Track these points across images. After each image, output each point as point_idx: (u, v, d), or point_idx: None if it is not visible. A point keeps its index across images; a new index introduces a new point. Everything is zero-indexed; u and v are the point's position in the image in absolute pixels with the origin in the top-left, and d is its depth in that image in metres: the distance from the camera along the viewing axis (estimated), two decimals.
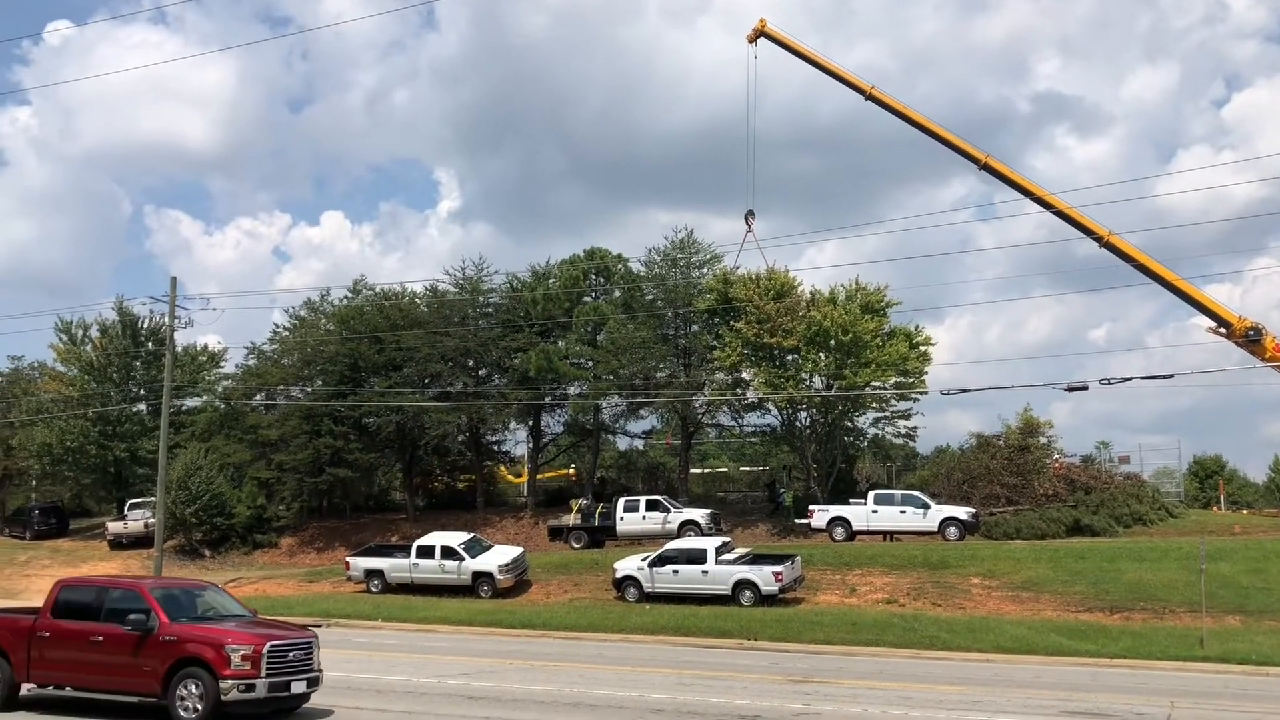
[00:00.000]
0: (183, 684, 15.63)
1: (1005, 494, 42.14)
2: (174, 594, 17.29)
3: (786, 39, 46.66)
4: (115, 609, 16.53)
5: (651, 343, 46.99)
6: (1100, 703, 19.12)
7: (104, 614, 16.60)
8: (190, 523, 48.02)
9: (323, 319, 53.99)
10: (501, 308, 51.67)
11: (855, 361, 42.19)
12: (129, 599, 16.64)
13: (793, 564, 33.77)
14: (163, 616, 16.17)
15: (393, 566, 38.25)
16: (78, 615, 16.85)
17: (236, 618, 17.38)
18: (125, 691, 16.36)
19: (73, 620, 16.82)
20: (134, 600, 16.55)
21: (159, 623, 16.08)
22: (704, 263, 49.47)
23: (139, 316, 56.50)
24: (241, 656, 15.56)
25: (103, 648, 16.30)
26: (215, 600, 17.92)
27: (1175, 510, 43.18)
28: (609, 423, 52.07)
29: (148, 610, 16.20)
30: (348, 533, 50.79)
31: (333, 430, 48.47)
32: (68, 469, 54.80)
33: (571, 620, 32.39)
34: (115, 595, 16.90)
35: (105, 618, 16.53)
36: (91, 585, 18.22)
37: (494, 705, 18.10)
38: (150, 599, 16.46)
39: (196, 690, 15.54)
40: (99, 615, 16.63)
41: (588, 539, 43.08)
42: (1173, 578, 31.82)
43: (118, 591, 17.07)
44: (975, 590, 33.03)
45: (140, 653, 15.99)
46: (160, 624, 16.07)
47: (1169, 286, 41.71)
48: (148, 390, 55.64)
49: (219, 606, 17.67)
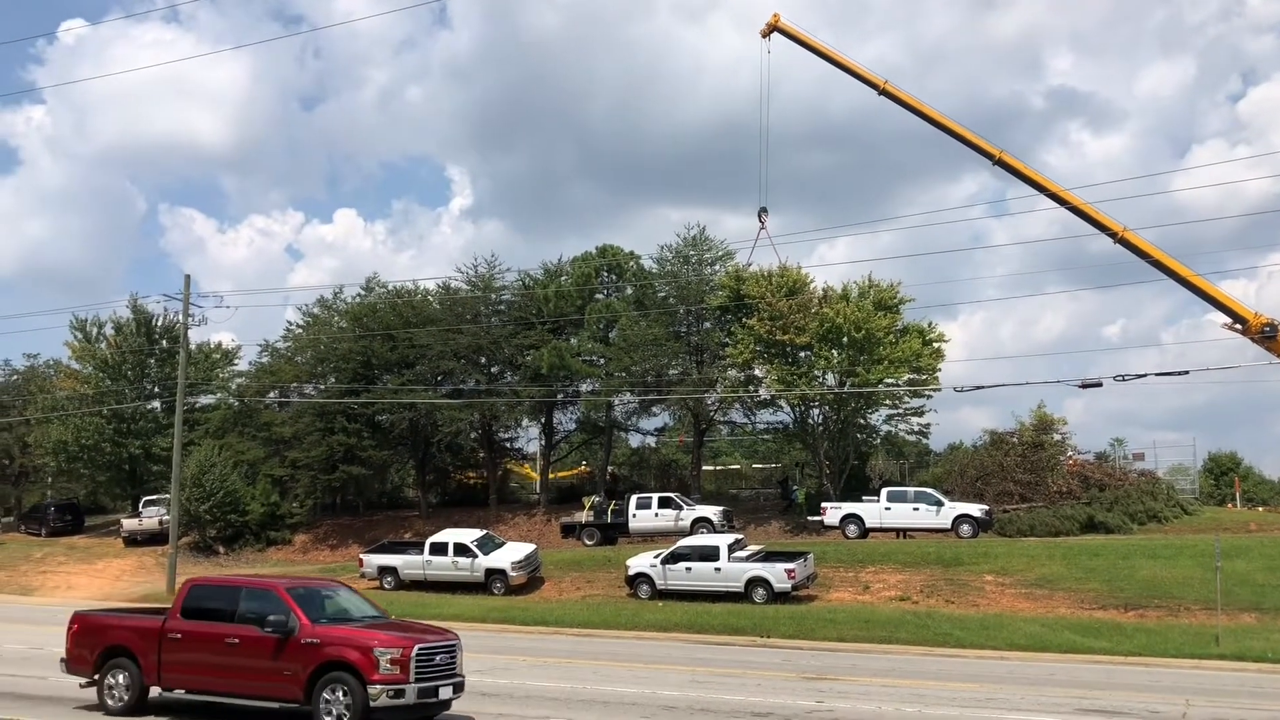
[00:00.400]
0: (327, 689, 14.86)
1: (1019, 491, 42.01)
2: (309, 594, 16.49)
3: (800, 34, 46.52)
4: (251, 610, 15.81)
5: (664, 340, 46.96)
6: (1115, 700, 19.05)
7: (238, 615, 15.89)
8: (204, 520, 48.22)
9: (336, 317, 54.12)
10: (514, 305, 51.69)
11: (868, 358, 42.09)
12: (265, 600, 15.90)
13: (805, 561, 33.76)
14: (303, 618, 15.44)
15: (406, 563, 38.37)
16: (208, 616, 16.19)
17: (372, 618, 16.69)
18: (263, 697, 15.61)
19: (204, 622, 16.15)
20: (271, 601, 15.81)
21: (299, 624, 15.34)
22: (716, 260, 49.44)
23: (153, 314, 56.86)
24: (390, 660, 14.77)
25: (239, 651, 15.58)
26: (347, 600, 17.16)
27: (1190, 507, 42.96)
28: (621, 420, 52.08)
29: (287, 611, 15.45)
30: (361, 530, 50.93)
31: (346, 427, 48.61)
32: (83, 466, 55.06)
33: (584, 617, 32.43)
34: (250, 595, 16.19)
35: (240, 619, 15.82)
36: (223, 585, 17.64)
37: (507, 702, 18.13)
38: (289, 599, 15.73)
39: (343, 696, 14.75)
40: (233, 616, 15.93)
41: (600, 536, 43.13)
42: (1188, 575, 31.69)
43: (252, 591, 16.35)
44: (989, 587, 32.96)
45: (280, 656, 15.25)
46: (301, 626, 15.32)
47: (1184, 283, 41.45)
48: (162, 388, 55.91)
49: (351, 607, 16.93)
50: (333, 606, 16.53)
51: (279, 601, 15.70)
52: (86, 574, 46.04)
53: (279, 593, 15.97)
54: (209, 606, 16.36)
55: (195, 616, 16.28)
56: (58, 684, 19.41)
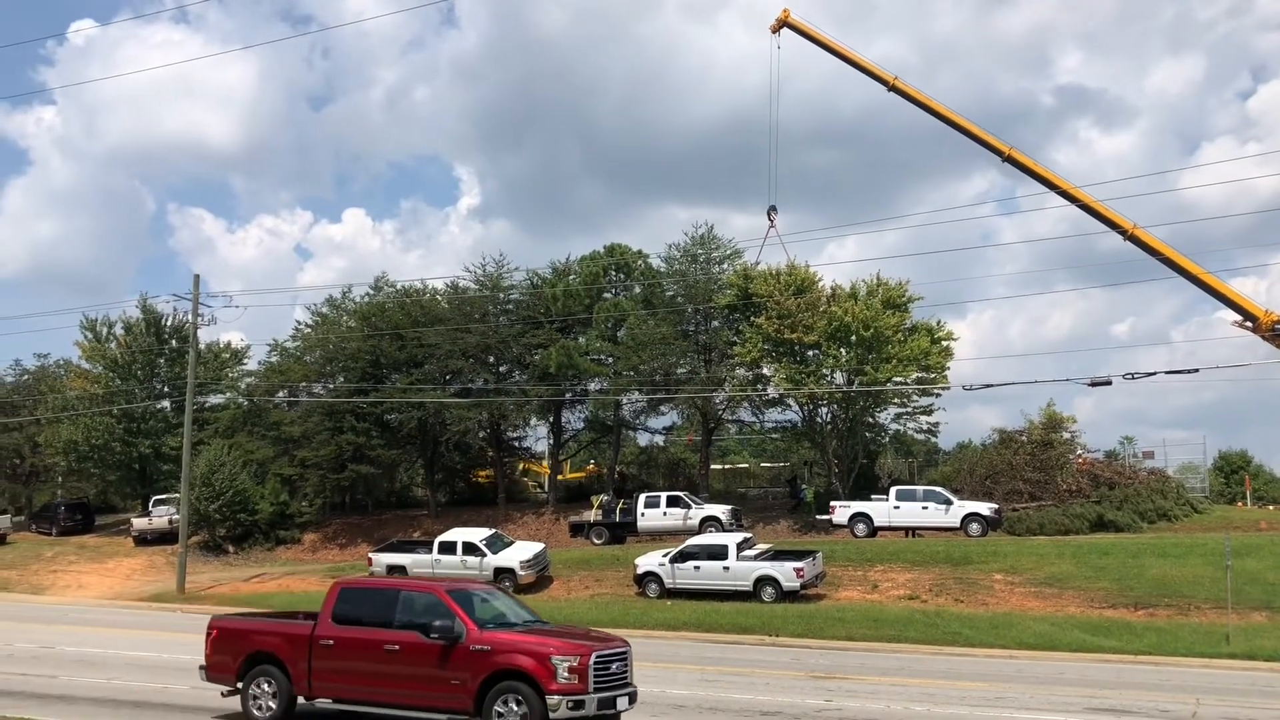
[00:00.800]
0: (501, 700, 13.87)
1: (1028, 490, 41.94)
2: (467, 596, 15.55)
3: (809, 29, 46.45)
4: (411, 615, 14.92)
5: (672, 339, 46.94)
6: (1125, 700, 18.99)
7: (397, 620, 14.97)
8: (214, 519, 48.34)
9: (344, 316, 54.24)
10: (522, 304, 51.73)
11: (876, 357, 42.03)
12: (427, 604, 14.96)
13: (814, 560, 33.71)
14: (469, 623, 14.52)
15: (415, 562, 38.40)
16: (362, 621, 15.24)
17: (531, 622, 15.86)
18: (428, 708, 14.49)
19: (358, 627, 15.18)
20: (433, 605, 14.87)
21: (466, 630, 14.41)
22: (724, 258, 49.41)
23: (163, 314, 57.00)
24: (568, 669, 13.79)
25: (399, 658, 14.61)
26: (504, 603, 16.30)
27: (1200, 506, 42.84)
28: (629, 419, 52.12)
29: (452, 616, 14.55)
30: (370, 529, 51.02)
31: (355, 427, 48.67)
32: (93, 466, 55.21)
33: (593, 616, 32.37)
34: (409, 599, 15.24)
35: (399, 625, 14.89)
36: (376, 588, 16.83)
37: None
38: (452, 603, 14.82)
39: (518, 708, 13.78)
40: (390, 621, 14.99)
41: (609, 535, 43.14)
42: (1198, 574, 31.58)
43: (412, 595, 15.41)
44: (998, 586, 32.89)
45: (447, 664, 14.28)
46: (468, 631, 14.40)
47: (1194, 280, 41.32)
48: (172, 387, 56.05)
49: (508, 610, 16.08)
50: (490, 610, 15.62)
51: (442, 605, 14.79)
52: (97, 573, 46.19)
53: (441, 596, 15.05)
54: (362, 611, 15.46)
55: (347, 622, 15.32)
56: (68, 683, 19.54)
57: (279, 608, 35.83)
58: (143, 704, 17.38)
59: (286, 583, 41.55)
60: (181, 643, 26.42)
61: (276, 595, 38.89)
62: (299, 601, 36.84)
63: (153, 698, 17.96)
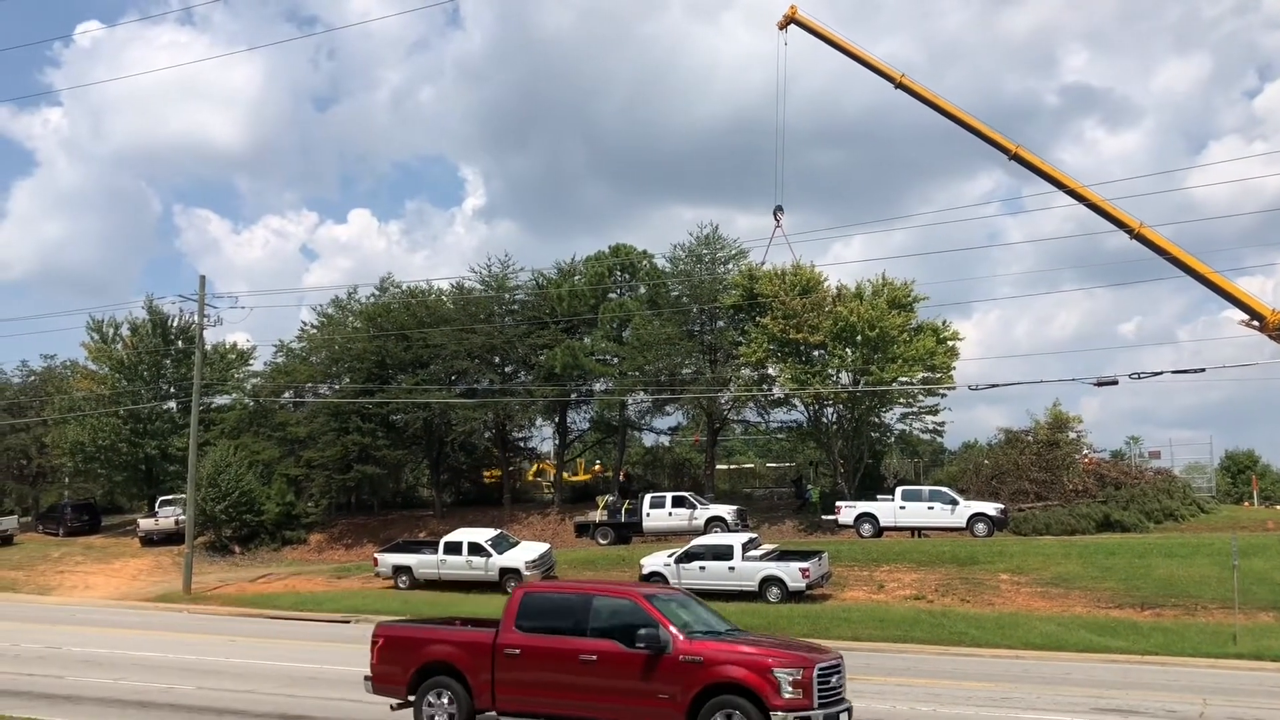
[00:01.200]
0: (718, 716, 12.86)
1: (1034, 490, 41.87)
2: (667, 602, 14.46)
3: (817, 26, 46.41)
4: (607, 622, 13.83)
5: (677, 339, 46.94)
6: (1131, 700, 18.95)
7: (590, 628, 13.87)
8: (220, 519, 48.42)
9: (350, 317, 54.29)
10: (527, 304, 51.77)
11: (882, 357, 41.99)
12: (623, 610, 13.89)
13: (820, 560, 33.68)
14: (675, 631, 13.43)
15: (420, 563, 38.43)
16: (550, 629, 14.13)
17: (733, 631, 14.89)
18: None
19: (546, 635, 14.07)
20: (632, 612, 13.75)
21: (673, 639, 13.31)
22: (729, 259, 49.41)
23: (169, 315, 57.15)
24: (792, 682, 12.68)
25: (597, 670, 13.52)
26: (698, 610, 15.04)
27: (1207, 506, 42.75)
28: (635, 419, 52.13)
29: (656, 623, 13.43)
30: (375, 529, 51.09)
31: (360, 427, 48.75)
32: (100, 466, 55.35)
33: None
34: (605, 605, 14.11)
35: (594, 632, 13.79)
36: (567, 593, 15.39)
37: None
38: (653, 609, 13.73)
39: None
40: (583, 629, 13.90)
41: (614, 535, 43.16)
42: (1205, 574, 31.51)
43: (605, 600, 14.28)
44: (1004, 586, 32.84)
45: (652, 676, 13.18)
46: (675, 640, 13.30)
47: (1200, 279, 41.25)
48: (178, 388, 56.18)
49: (705, 617, 14.85)
50: (688, 617, 14.38)
51: (641, 611, 13.70)
52: (103, 573, 46.30)
53: (639, 601, 13.96)
54: (548, 618, 14.28)
55: (533, 629, 14.20)
56: (74, 683, 19.57)
57: (287, 608, 36.04)
58: (149, 704, 17.40)
59: (293, 583, 41.61)
60: (187, 643, 26.52)
61: (283, 596, 38.95)
62: (305, 602, 36.98)
63: (159, 698, 17.98)
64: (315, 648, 26.19)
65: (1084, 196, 42.27)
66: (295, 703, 17.59)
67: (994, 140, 43.80)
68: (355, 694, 18.13)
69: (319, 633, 30.57)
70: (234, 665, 22.52)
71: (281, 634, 30.04)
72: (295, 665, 22.36)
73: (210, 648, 25.68)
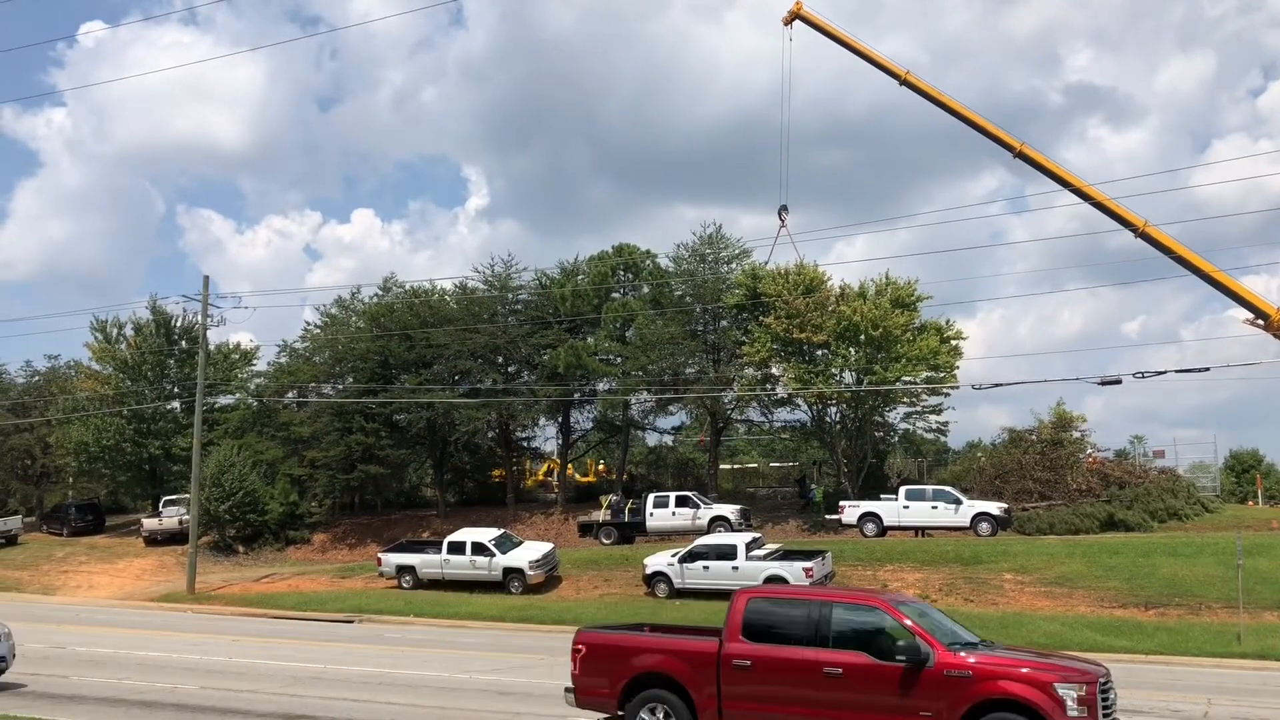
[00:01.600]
0: None
1: (1038, 489, 41.81)
2: (917, 609, 13.43)
3: (822, 21, 46.33)
4: (850, 631, 12.73)
5: (680, 339, 46.93)
6: (1135, 699, 18.90)
7: (832, 637, 12.68)
8: (224, 519, 48.46)
9: (353, 317, 54.35)
10: (530, 304, 51.78)
11: (885, 356, 41.95)
12: (873, 619, 12.82)
13: (823, 560, 33.66)
14: (934, 643, 12.28)
15: (424, 562, 38.45)
16: (780, 638, 12.92)
17: (984, 641, 13.80)
18: None
19: (779, 645, 12.85)
20: (881, 620, 12.72)
21: (934, 651, 12.17)
22: (732, 258, 49.37)
23: (172, 315, 57.16)
24: (1076, 699, 11.60)
25: (843, 684, 12.33)
26: (940, 617, 13.90)
27: (1211, 505, 42.66)
28: (638, 419, 52.11)
29: (912, 634, 12.33)
30: (379, 529, 51.12)
31: (364, 427, 48.78)
32: (104, 466, 55.40)
33: (602, 616, 32.36)
34: (847, 613, 12.96)
35: (837, 642, 12.62)
36: (797, 598, 14.25)
37: (525, 700, 18.14)
38: (904, 617, 12.63)
39: None
40: (824, 639, 12.69)
41: (618, 535, 43.15)
42: (1209, 573, 31.46)
43: (849, 608, 13.11)
44: (1008, 586, 32.81)
45: (912, 692, 12.01)
46: (937, 653, 12.14)
47: (1205, 278, 41.14)
48: (181, 388, 56.20)
49: (950, 626, 13.66)
50: (936, 625, 13.18)
51: (891, 620, 12.63)
52: (108, 573, 46.36)
53: (889, 609, 12.85)
54: (779, 625, 13.07)
55: (762, 638, 12.98)
56: (79, 683, 19.58)
57: (291, 608, 36.06)
58: (153, 704, 17.42)
59: (296, 583, 41.65)
60: (191, 643, 26.55)
61: (287, 595, 38.99)
62: (309, 602, 37.01)
63: (164, 698, 18.00)
64: (319, 647, 26.23)
65: (1088, 194, 42.15)
66: (299, 703, 17.60)
67: (998, 138, 43.69)
68: (359, 693, 18.20)
69: (323, 632, 30.61)
70: (238, 665, 22.54)
71: (285, 634, 30.07)
72: (299, 665, 22.40)
73: (214, 647, 25.72)
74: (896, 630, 12.45)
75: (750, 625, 13.10)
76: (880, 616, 12.77)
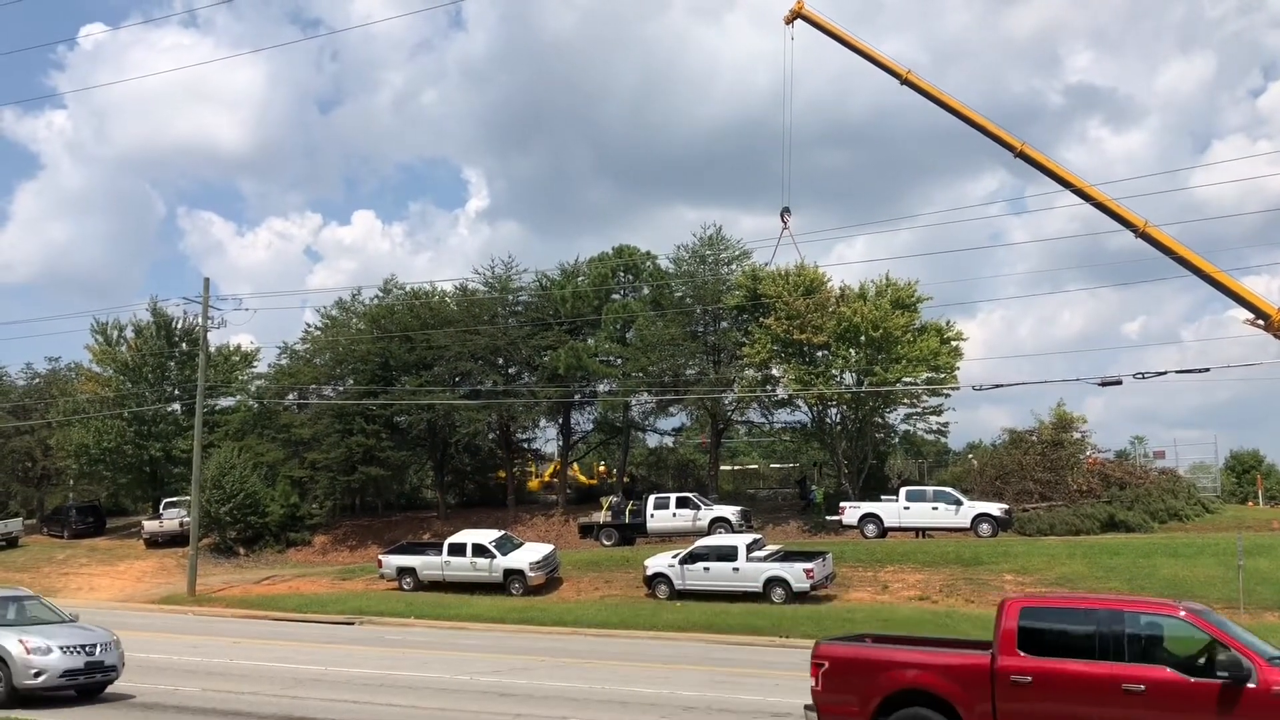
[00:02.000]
0: None
1: (1038, 490, 41.79)
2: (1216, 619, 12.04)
3: (824, 20, 46.28)
4: (1148, 643, 11.53)
5: (680, 340, 46.95)
6: None
7: (1129, 650, 11.39)
8: (224, 521, 48.46)
9: (354, 318, 54.34)
10: (531, 306, 51.80)
11: (886, 357, 41.95)
12: (1175, 630, 11.60)
13: (824, 561, 33.66)
14: (1255, 657, 10.99)
15: (425, 564, 38.44)
16: (1064, 650, 11.71)
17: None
18: None
19: (1062, 658, 11.62)
20: (1186, 629, 11.50)
21: (1254, 668, 10.84)
22: (732, 259, 49.42)
23: (173, 317, 57.15)
24: None
25: (1147, 703, 11.04)
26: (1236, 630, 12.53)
27: (1211, 505, 42.66)
28: (639, 420, 52.12)
29: (1230, 647, 11.08)
30: (380, 531, 51.12)
31: (364, 429, 48.77)
32: (104, 468, 55.40)
33: (603, 617, 32.44)
34: (1144, 623, 11.71)
35: (1134, 656, 11.35)
36: (1080, 607, 12.64)
37: (526, 702, 18.14)
38: (1213, 628, 11.39)
39: None
40: (1118, 653, 11.40)
41: (618, 536, 43.13)
42: (1209, 574, 31.45)
43: (1145, 617, 11.80)
44: (1009, 587, 32.76)
45: (1232, 712, 10.74)
46: (1260, 669, 10.82)
47: (1206, 278, 41.11)
48: (182, 390, 56.18)
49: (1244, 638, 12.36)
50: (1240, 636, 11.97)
51: (1201, 632, 11.40)
52: (108, 575, 46.37)
53: (1193, 619, 11.51)
54: (1059, 636, 11.91)
55: (1042, 650, 11.73)
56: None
57: (292, 610, 36.07)
58: (154, 706, 17.42)
59: (297, 585, 41.65)
60: (192, 644, 26.55)
61: (287, 597, 38.99)
62: (310, 604, 37.01)
63: (165, 700, 17.99)
64: (320, 649, 26.24)
65: (1089, 195, 42.11)
66: (300, 705, 17.60)
67: (999, 137, 43.65)
68: (360, 695, 18.19)
69: (324, 634, 30.62)
70: (239, 667, 22.54)
71: (286, 636, 30.08)
72: (300, 667, 22.40)
73: (215, 649, 25.72)
74: (1209, 643, 11.28)
75: (1025, 637, 11.85)
76: (1186, 628, 11.54)
